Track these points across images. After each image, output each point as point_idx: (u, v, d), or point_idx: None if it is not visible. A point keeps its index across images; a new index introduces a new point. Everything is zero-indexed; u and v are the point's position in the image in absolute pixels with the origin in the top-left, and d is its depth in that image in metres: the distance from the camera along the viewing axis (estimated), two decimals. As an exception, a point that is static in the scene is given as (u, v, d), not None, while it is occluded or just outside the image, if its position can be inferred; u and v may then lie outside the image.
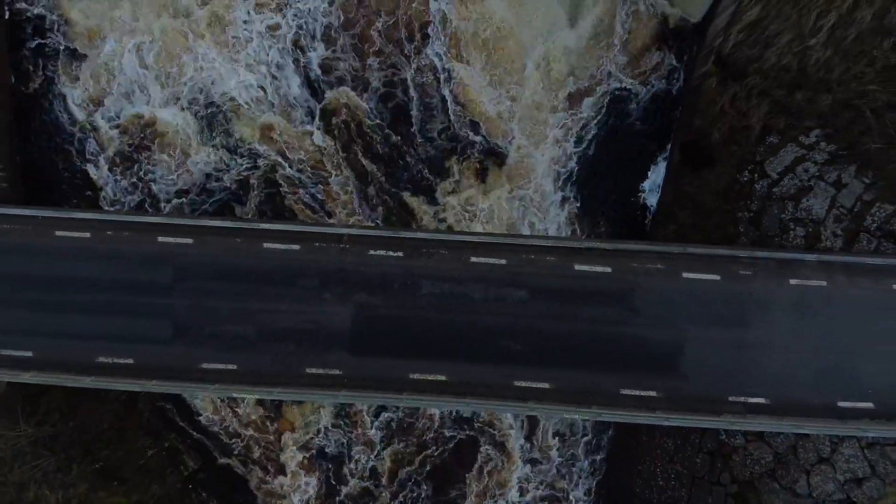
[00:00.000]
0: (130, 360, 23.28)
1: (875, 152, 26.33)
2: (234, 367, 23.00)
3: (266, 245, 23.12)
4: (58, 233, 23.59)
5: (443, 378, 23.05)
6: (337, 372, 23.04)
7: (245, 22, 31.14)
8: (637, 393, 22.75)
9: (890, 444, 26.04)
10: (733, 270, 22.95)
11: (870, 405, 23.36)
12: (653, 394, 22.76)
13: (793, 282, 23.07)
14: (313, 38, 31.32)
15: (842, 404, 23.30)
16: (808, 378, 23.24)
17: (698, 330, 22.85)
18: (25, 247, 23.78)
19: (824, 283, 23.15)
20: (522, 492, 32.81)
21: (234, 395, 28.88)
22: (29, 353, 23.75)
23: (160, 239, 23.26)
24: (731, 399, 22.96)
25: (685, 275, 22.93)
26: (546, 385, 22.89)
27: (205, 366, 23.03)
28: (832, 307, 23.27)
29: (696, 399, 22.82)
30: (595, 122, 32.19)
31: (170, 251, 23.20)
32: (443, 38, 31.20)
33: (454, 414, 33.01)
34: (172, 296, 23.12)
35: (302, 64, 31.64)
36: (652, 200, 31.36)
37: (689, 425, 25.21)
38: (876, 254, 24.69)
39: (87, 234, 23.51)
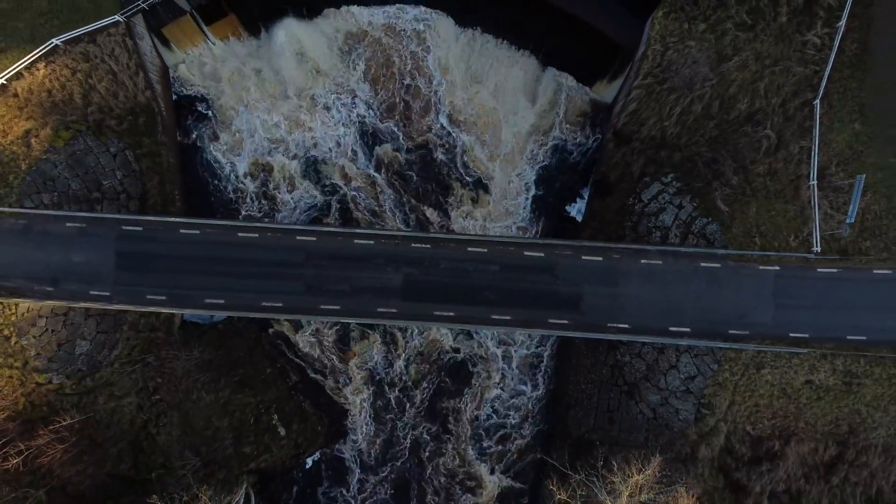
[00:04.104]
0: (280, 304, 42.10)
1: (699, 188, 45.24)
2: (338, 307, 41.79)
3: (356, 241, 41.88)
4: (239, 234, 42.32)
5: (452, 314, 41.91)
6: (394, 310, 41.85)
7: (328, 105, 50.24)
8: (557, 321, 41.71)
9: (705, 354, 44.99)
10: (609, 255, 41.82)
11: (688, 329, 42.18)
12: (565, 321, 41.71)
13: (643, 261, 41.86)
14: (371, 118, 50.55)
15: (672, 328, 42.12)
16: (653, 314, 41.96)
17: (590, 287, 41.67)
18: (219, 242, 42.31)
19: (661, 262, 41.93)
20: (499, 396, 52.05)
21: (340, 321, 48.82)
22: (221, 301, 42.45)
23: (297, 238, 42.07)
24: (609, 325, 41.85)
25: (583, 257, 41.78)
26: (508, 317, 41.78)
27: (322, 306, 41.85)
28: (666, 276, 42.01)
29: (589, 324, 41.76)
30: (546, 166, 51.35)
31: (303, 244, 41.93)
32: (449, 115, 50.35)
33: (456, 350, 52.29)
34: (304, 269, 41.74)
35: (363, 129, 50.83)
36: (578, 215, 50.54)
37: (585, 337, 44.41)
38: (693, 246, 43.69)
39: (256, 235, 42.26)
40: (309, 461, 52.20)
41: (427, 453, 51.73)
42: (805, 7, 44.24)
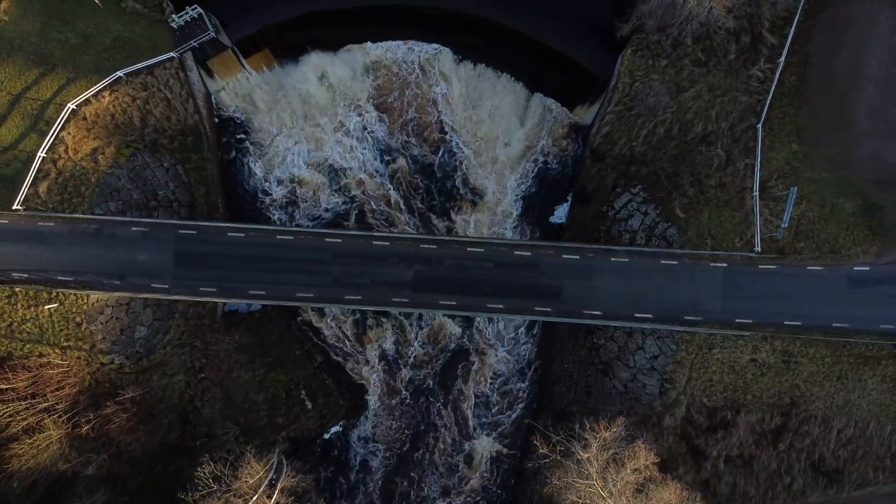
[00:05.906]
0: (312, 294, 50.51)
1: (662, 197, 53.69)
2: (360, 297, 50.20)
3: (374, 242, 50.31)
4: (277, 237, 50.75)
5: (454, 303, 50.36)
6: (406, 300, 50.27)
7: (348, 126, 58.81)
8: (541, 308, 50.16)
9: (666, 337, 53.43)
10: (585, 254, 50.28)
11: (650, 315, 50.52)
12: (548, 309, 50.17)
13: (613, 259, 50.26)
14: (385, 138, 59.15)
15: (637, 315, 50.48)
16: (621, 303, 50.31)
17: (569, 281, 50.12)
18: (261, 243, 50.56)
19: (628, 260, 50.33)
20: (495, 375, 60.65)
21: (360, 308, 56.77)
22: (262, 292, 50.81)
23: (326, 239, 50.47)
24: (584, 312, 50.28)
25: (564, 256, 50.24)
26: (501, 305, 50.24)
27: (346, 297, 50.28)
28: (631, 270, 50.39)
29: (568, 311, 50.20)
30: (534, 178, 59.87)
31: (330, 245, 50.31)
32: (451, 134, 58.88)
33: (457, 335, 60.80)
34: (331, 265, 50.08)
35: (378, 147, 59.41)
36: (561, 220, 59.07)
37: (565, 322, 52.81)
38: (655, 247, 52.23)
39: (291, 237, 50.68)
40: (333, 429, 60.67)
41: (433, 422, 60.31)
42: (751, 46, 52.54)
